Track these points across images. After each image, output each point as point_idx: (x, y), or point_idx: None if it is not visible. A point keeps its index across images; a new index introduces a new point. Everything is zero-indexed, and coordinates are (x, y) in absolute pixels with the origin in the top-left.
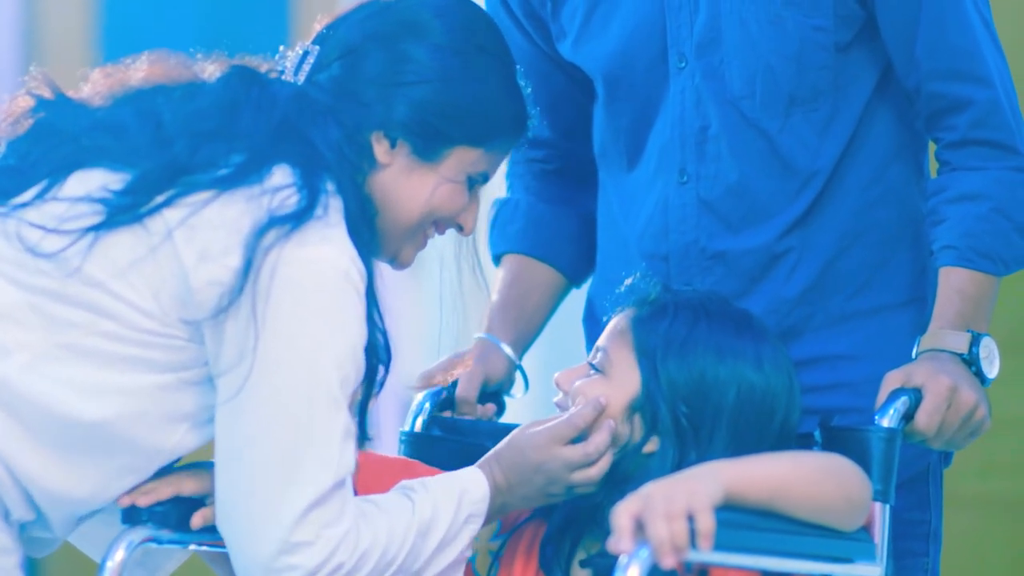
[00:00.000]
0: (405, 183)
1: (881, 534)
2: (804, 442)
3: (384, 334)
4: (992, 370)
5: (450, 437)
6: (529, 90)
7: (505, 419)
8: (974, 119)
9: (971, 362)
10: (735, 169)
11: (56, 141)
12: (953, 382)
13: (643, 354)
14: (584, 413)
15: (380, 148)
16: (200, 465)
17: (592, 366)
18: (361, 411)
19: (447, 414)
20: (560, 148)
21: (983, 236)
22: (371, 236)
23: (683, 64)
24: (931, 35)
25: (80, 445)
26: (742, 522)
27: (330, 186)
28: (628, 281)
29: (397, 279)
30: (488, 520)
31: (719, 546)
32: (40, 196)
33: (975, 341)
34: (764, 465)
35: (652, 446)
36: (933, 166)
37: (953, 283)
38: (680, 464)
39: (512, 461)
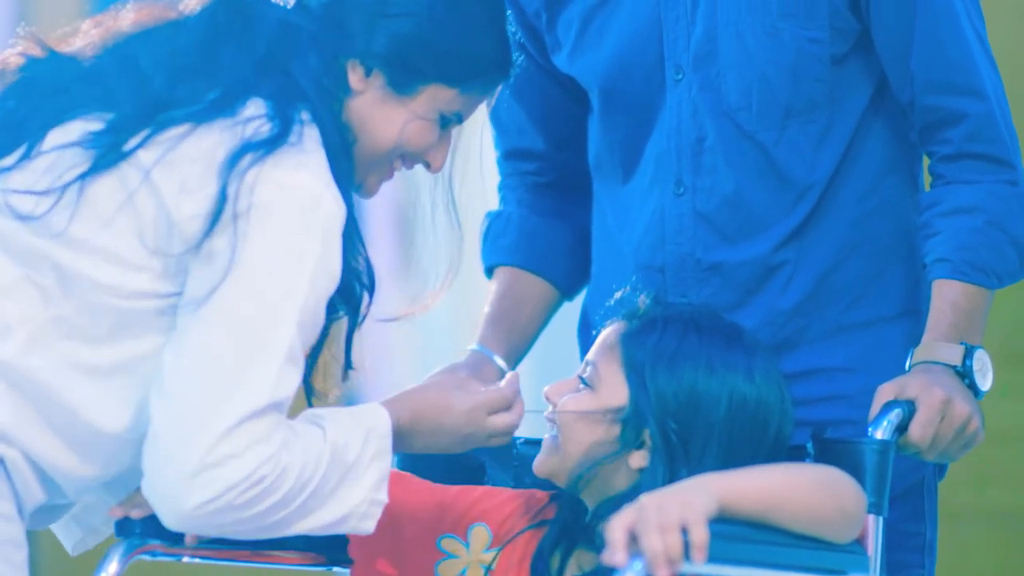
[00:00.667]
0: (377, 113)
1: (874, 546)
2: (797, 454)
3: (367, 261)
4: (985, 383)
5: None
6: (517, 38)
7: None
8: (969, 132)
9: (964, 374)
10: (731, 181)
11: (42, 97)
12: (947, 394)
13: (631, 368)
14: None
15: (354, 75)
16: None
17: (581, 380)
18: (347, 341)
19: None
20: (553, 160)
21: (978, 249)
22: (350, 164)
23: (680, 76)
24: (926, 48)
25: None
26: (736, 534)
27: (305, 115)
28: (618, 294)
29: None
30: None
31: (713, 558)
32: (25, 156)
33: (968, 353)
34: (758, 477)
35: (640, 461)
36: (927, 180)
37: (947, 296)
38: (671, 480)
39: (421, 404)
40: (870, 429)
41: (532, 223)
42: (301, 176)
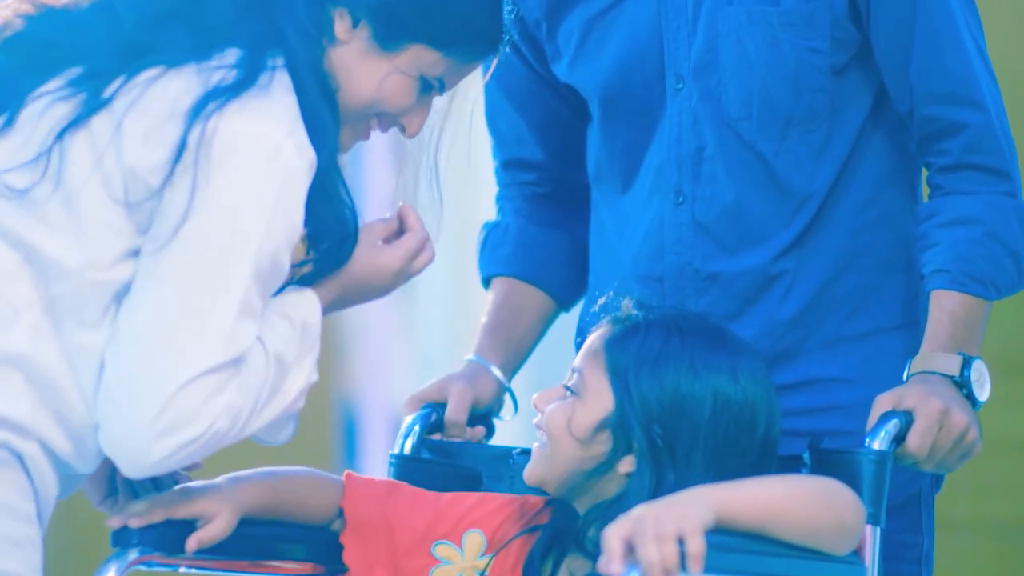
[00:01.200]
0: (358, 65)
1: (871, 557)
2: (793, 464)
3: (351, 208)
4: (983, 393)
5: (440, 460)
6: (512, 16)
7: (494, 441)
8: (968, 143)
9: (962, 385)
10: (731, 190)
11: (30, 52)
12: (944, 404)
13: (615, 374)
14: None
15: (341, 24)
16: (193, 489)
17: (567, 388)
18: (310, 282)
19: (436, 436)
20: (552, 171)
21: (976, 260)
22: (332, 110)
23: (680, 85)
24: (926, 58)
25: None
26: (732, 545)
27: (278, 61)
28: (602, 299)
29: (387, 305)
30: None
31: (709, 568)
32: (8, 123)
33: (966, 364)
34: (755, 489)
35: (628, 466)
36: (924, 192)
37: (945, 306)
38: (658, 484)
39: (348, 278)
40: (867, 439)
41: (530, 233)
42: (262, 124)
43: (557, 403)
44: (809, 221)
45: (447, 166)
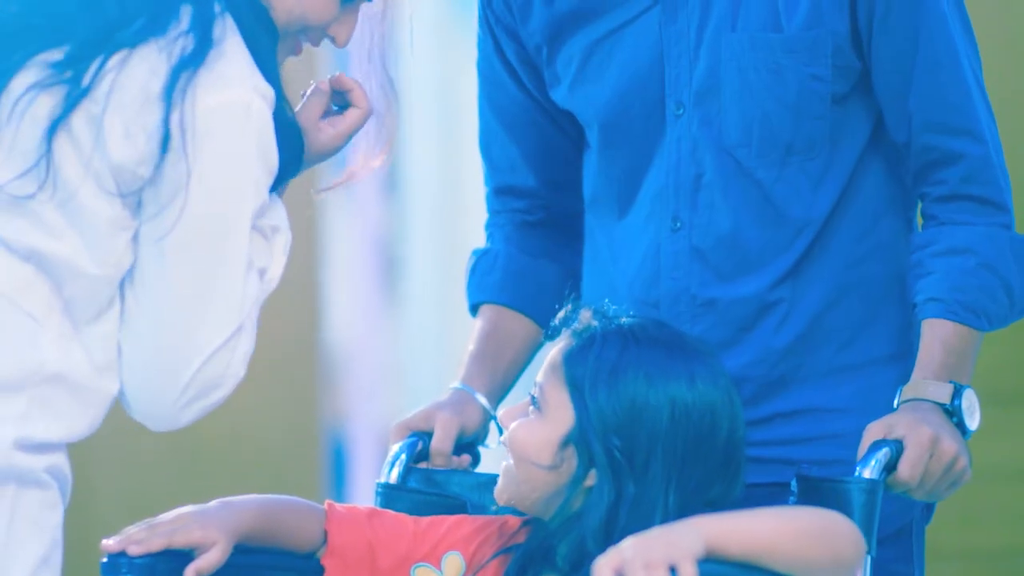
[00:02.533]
0: None
1: None
2: (781, 492)
3: (293, 117)
4: (973, 422)
5: (426, 489)
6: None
7: (480, 469)
8: (965, 174)
9: (952, 413)
10: (729, 218)
11: (7, 36)
12: (934, 432)
13: (574, 388)
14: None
15: None
16: (190, 516)
17: (533, 401)
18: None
19: (423, 465)
20: (543, 199)
21: (970, 291)
22: (272, 38)
23: (681, 111)
24: (926, 88)
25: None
26: (724, 574)
27: (218, 7)
28: (561, 313)
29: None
30: None
31: None
32: None
33: (957, 392)
34: (748, 521)
35: (591, 480)
36: (920, 223)
37: (938, 334)
38: (619, 496)
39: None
40: (858, 468)
41: (519, 262)
42: (230, 91)
43: (521, 420)
44: (806, 250)
45: (435, 193)
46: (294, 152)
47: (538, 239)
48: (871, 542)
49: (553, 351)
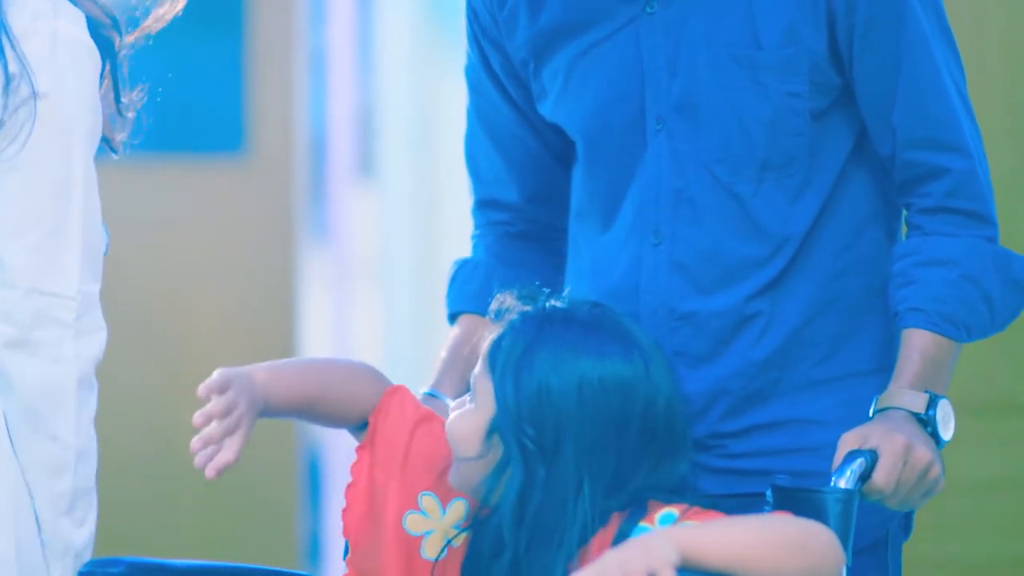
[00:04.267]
0: None
1: None
2: (756, 502)
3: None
4: (947, 432)
5: None
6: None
7: None
8: (950, 188)
9: (927, 423)
10: (709, 232)
11: None
12: (908, 440)
13: (494, 375)
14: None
15: None
16: (232, 377)
17: (468, 395)
18: (114, 81)
19: None
20: (526, 213)
21: (951, 302)
22: None
23: (660, 126)
24: (908, 105)
25: None
26: None
27: None
28: (494, 304)
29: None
30: None
31: None
32: None
33: (932, 402)
34: (725, 531)
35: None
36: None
37: (916, 344)
38: (531, 481)
39: None
40: (833, 478)
41: (499, 272)
42: (64, 31)
43: (458, 411)
44: (786, 264)
45: (412, 200)
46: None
47: (519, 251)
48: (846, 552)
49: (486, 340)
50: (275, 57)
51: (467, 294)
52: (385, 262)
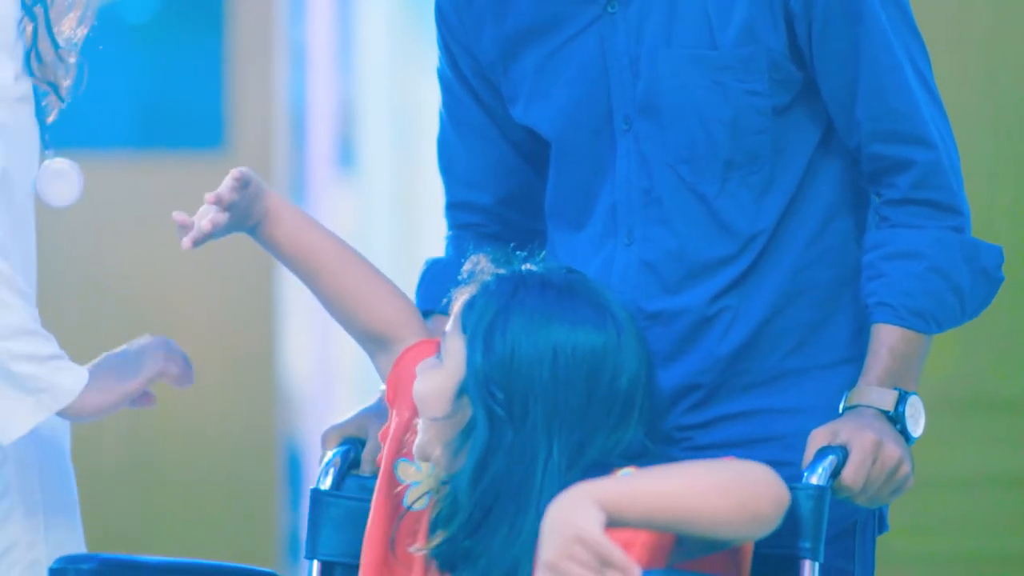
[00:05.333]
0: None
1: None
2: None
3: None
4: (917, 429)
5: (361, 497)
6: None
7: None
8: (916, 180)
9: (896, 420)
10: (676, 232)
11: None
12: (878, 437)
13: (465, 336)
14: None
15: None
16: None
17: (437, 356)
18: (48, 31)
19: (353, 472)
20: (498, 215)
21: (918, 295)
22: None
23: (627, 126)
24: (870, 98)
25: None
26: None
27: None
28: (467, 266)
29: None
30: None
31: None
32: None
33: (902, 399)
34: (647, 480)
35: None
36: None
37: (884, 340)
38: (495, 445)
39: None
40: (805, 475)
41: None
42: None
43: (427, 372)
44: (754, 260)
45: (391, 197)
46: None
47: (490, 252)
48: (819, 548)
49: (457, 300)
50: (255, 52)
51: (435, 293)
52: (365, 256)
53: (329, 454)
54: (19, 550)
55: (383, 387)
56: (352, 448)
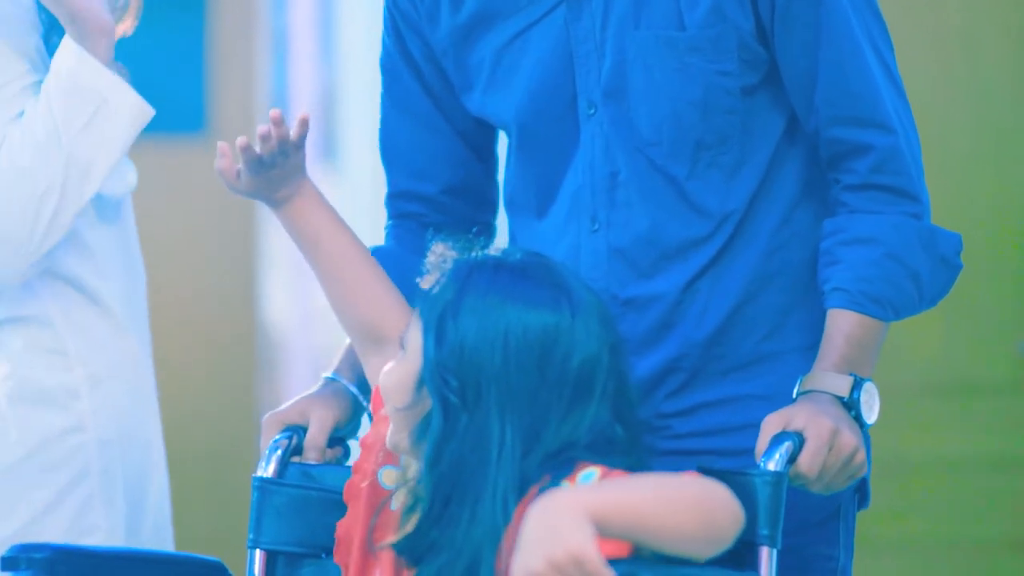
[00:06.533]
0: None
1: None
2: None
3: None
4: (871, 416)
5: (305, 484)
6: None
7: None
8: (874, 164)
9: (851, 406)
10: (645, 216)
11: None
12: (834, 424)
13: (424, 326)
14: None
15: None
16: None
17: (401, 348)
18: None
19: (295, 459)
20: (441, 205)
21: (875, 281)
22: None
23: (592, 111)
24: (830, 82)
25: None
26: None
27: None
28: (431, 257)
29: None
30: None
31: None
32: None
33: (857, 385)
34: (628, 492)
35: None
36: None
37: (841, 326)
38: (449, 433)
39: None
40: (762, 461)
41: (407, 261)
42: None
43: (392, 363)
44: (725, 242)
45: (372, 180)
46: None
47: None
48: (776, 535)
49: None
50: (237, 37)
51: None
52: None
53: (271, 441)
54: (98, 535)
55: (326, 373)
56: (294, 435)
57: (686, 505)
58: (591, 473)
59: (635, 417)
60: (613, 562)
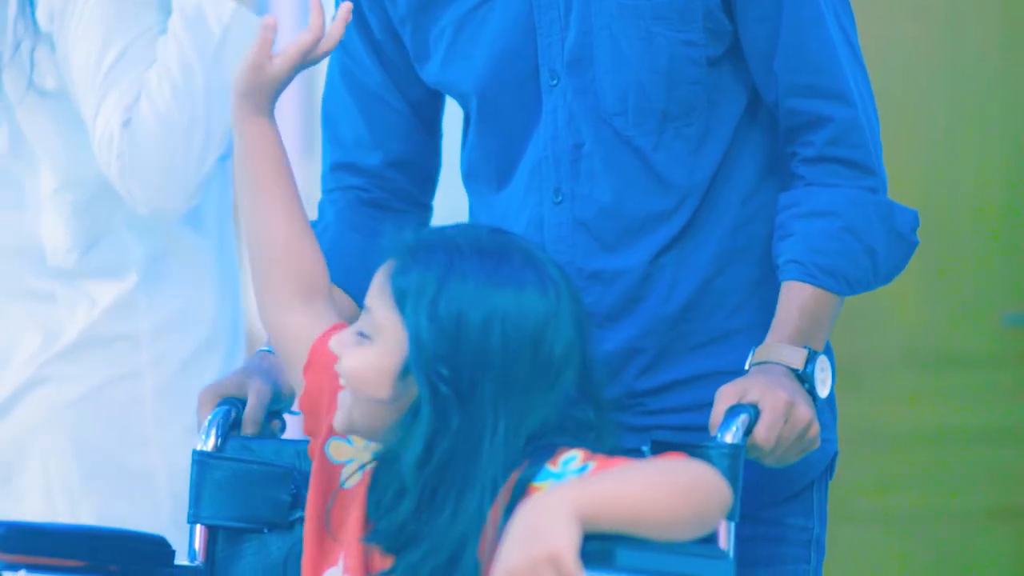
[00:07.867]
0: None
1: (729, 550)
2: (634, 457)
3: None
4: (824, 390)
5: (245, 457)
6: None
7: (287, 436)
8: (831, 137)
9: (804, 379)
10: (610, 188)
11: None
12: (790, 397)
13: (404, 312)
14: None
15: None
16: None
17: (360, 333)
18: None
19: (234, 433)
20: (383, 179)
21: (830, 254)
22: None
23: (555, 81)
24: (790, 51)
25: None
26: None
27: None
28: (387, 242)
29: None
30: None
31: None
32: None
33: (811, 358)
34: (617, 485)
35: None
36: None
37: (795, 298)
38: (442, 426)
39: None
40: (719, 433)
41: (346, 237)
42: None
43: (353, 349)
44: (691, 216)
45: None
46: None
47: (370, 219)
48: (735, 508)
49: (379, 272)
50: None
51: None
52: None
53: (208, 415)
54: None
55: (263, 347)
56: (232, 408)
57: (679, 492)
58: (573, 456)
59: (602, 394)
60: (589, 537)
